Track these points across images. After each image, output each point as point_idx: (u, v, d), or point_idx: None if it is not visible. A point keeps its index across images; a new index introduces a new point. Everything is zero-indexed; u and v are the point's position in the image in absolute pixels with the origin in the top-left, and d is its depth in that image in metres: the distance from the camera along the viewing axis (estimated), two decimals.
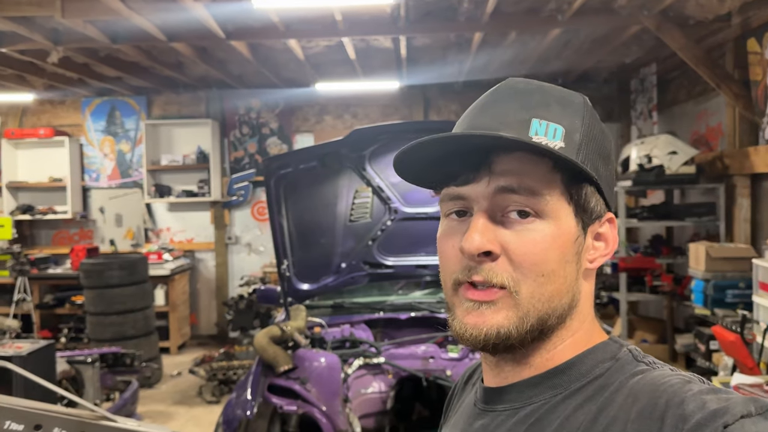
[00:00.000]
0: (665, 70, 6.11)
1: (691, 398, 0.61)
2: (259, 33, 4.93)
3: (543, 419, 0.70)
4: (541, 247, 0.70)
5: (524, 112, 0.73)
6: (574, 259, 0.73)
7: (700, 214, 5.21)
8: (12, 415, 1.33)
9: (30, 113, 7.66)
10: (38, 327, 6.75)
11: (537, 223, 0.71)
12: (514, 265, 0.70)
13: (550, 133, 0.71)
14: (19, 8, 4.10)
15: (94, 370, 4.57)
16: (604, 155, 0.76)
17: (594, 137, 0.74)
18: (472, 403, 0.82)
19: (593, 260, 0.76)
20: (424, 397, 3.36)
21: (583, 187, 0.73)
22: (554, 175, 0.71)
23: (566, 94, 0.76)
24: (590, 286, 0.77)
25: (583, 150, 0.72)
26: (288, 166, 3.10)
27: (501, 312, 0.71)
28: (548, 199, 0.71)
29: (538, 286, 0.71)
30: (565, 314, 0.73)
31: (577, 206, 0.73)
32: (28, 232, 7.68)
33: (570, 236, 0.72)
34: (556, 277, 0.71)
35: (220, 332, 7.49)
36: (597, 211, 0.75)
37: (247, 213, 7.58)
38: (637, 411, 0.63)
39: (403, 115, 7.37)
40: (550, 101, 0.74)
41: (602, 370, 0.71)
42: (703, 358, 4.50)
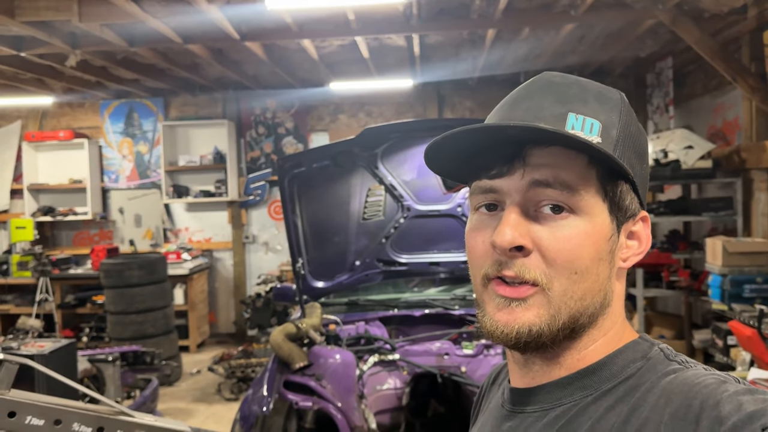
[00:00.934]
0: (681, 64, 6.06)
1: (727, 399, 0.59)
2: (273, 34, 4.97)
3: (573, 421, 0.69)
4: (575, 243, 0.69)
5: (560, 106, 0.71)
6: (608, 257, 0.72)
7: (717, 208, 5.17)
8: (33, 411, 1.37)
9: (50, 116, 7.78)
10: (60, 326, 6.88)
11: (571, 219, 0.69)
12: (547, 262, 0.69)
13: (587, 127, 0.70)
14: (38, 13, 4.18)
15: (114, 368, 4.64)
16: (640, 153, 0.74)
17: (631, 134, 0.73)
18: (500, 405, 0.81)
19: (626, 259, 0.75)
20: (439, 393, 3.38)
21: (619, 184, 0.71)
22: (590, 171, 0.70)
23: (604, 90, 0.75)
24: (622, 286, 0.76)
25: (620, 146, 0.71)
26: (301, 166, 3.13)
27: (532, 309, 0.69)
28: (583, 195, 0.69)
29: (571, 283, 0.69)
30: (597, 313, 0.72)
31: (612, 203, 0.71)
32: (49, 233, 7.81)
33: (604, 234, 0.71)
34: (589, 274, 0.70)
35: (239, 330, 7.56)
36: (632, 209, 0.74)
37: (264, 212, 7.64)
38: (671, 412, 0.61)
39: (418, 113, 7.39)
40: (587, 96, 0.73)
41: (633, 370, 0.69)
42: (720, 353, 4.46)
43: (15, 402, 1.36)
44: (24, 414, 1.34)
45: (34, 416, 1.34)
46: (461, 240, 3.61)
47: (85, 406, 1.47)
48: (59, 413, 1.36)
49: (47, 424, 1.37)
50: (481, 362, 3.11)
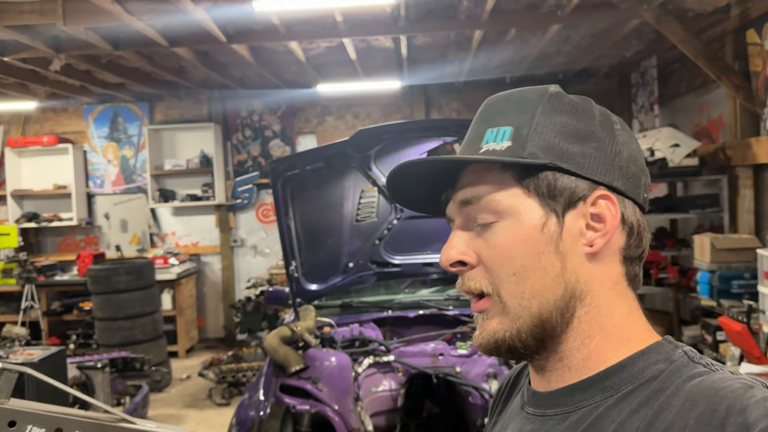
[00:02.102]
0: (665, 63, 6.12)
1: (754, 405, 0.57)
2: (260, 35, 4.95)
3: (595, 424, 0.68)
4: (504, 247, 0.72)
5: (481, 126, 0.77)
6: (549, 248, 0.71)
7: (703, 206, 5.22)
8: (33, 420, 1.35)
9: (33, 121, 7.69)
10: (47, 334, 6.79)
11: (497, 225, 0.72)
12: (487, 270, 0.73)
13: (499, 137, 0.74)
14: (21, 17, 4.12)
15: (104, 375, 4.59)
16: (574, 134, 0.73)
17: (553, 123, 0.73)
18: (519, 407, 0.80)
19: (591, 243, 0.72)
20: (434, 394, 3.38)
21: (542, 176, 0.71)
22: (504, 175, 0.73)
23: (527, 93, 0.77)
24: (606, 272, 0.73)
25: (533, 140, 0.72)
26: (294, 168, 3.12)
27: (494, 319, 0.73)
28: (500, 200, 0.72)
29: (514, 285, 0.71)
30: (566, 306, 0.71)
31: (540, 195, 0.72)
32: (33, 239, 7.72)
33: (533, 228, 0.71)
34: (531, 271, 0.71)
35: (228, 335, 7.51)
36: (573, 193, 0.72)
37: (252, 215, 7.60)
38: (696, 417, 0.60)
39: (405, 115, 7.39)
40: (506, 107, 0.76)
41: (656, 372, 0.68)
42: (710, 348, 4.50)
43: (16, 411, 1.34)
44: (24, 423, 1.32)
45: (35, 425, 1.32)
46: None
47: (86, 414, 1.45)
48: (60, 422, 1.34)
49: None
50: (475, 362, 3.12)
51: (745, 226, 4.82)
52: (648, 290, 5.57)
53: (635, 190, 0.74)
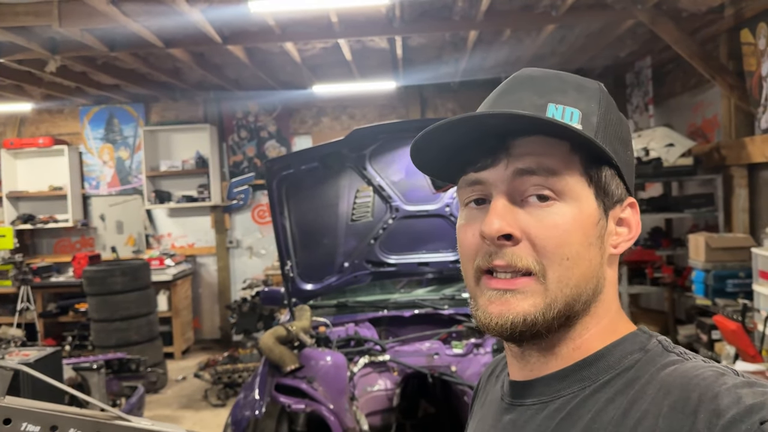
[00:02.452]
0: (660, 63, 6.14)
1: (725, 392, 0.59)
2: (256, 36, 4.95)
3: (573, 413, 0.69)
4: (564, 229, 0.69)
5: (539, 98, 0.72)
6: (598, 242, 0.72)
7: (698, 205, 5.24)
8: (29, 417, 1.35)
9: (28, 123, 7.68)
10: (42, 335, 6.78)
11: (557, 205, 0.70)
12: (537, 250, 0.69)
13: (567, 116, 0.71)
14: (17, 18, 4.12)
15: (99, 376, 4.58)
16: (623, 140, 0.75)
17: (611, 121, 0.74)
18: (499, 398, 0.81)
19: (617, 245, 0.75)
20: (430, 393, 3.39)
21: (603, 169, 0.72)
22: (573, 157, 0.71)
23: (582, 81, 0.76)
24: (614, 274, 0.76)
25: (601, 132, 0.72)
26: (290, 168, 3.12)
27: (529, 299, 0.69)
28: (568, 180, 0.70)
29: (564, 270, 0.69)
30: (590, 300, 0.72)
31: (598, 188, 0.72)
32: (29, 241, 7.71)
33: (592, 218, 0.71)
34: (581, 260, 0.70)
35: (224, 336, 7.51)
36: (618, 194, 0.74)
37: (248, 216, 7.60)
38: (669, 405, 0.61)
39: (400, 115, 7.40)
40: (566, 87, 0.74)
41: (631, 362, 0.69)
42: (705, 347, 4.52)
43: (10, 408, 1.34)
44: (20, 420, 1.32)
45: (30, 423, 1.32)
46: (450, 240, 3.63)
47: (81, 411, 1.45)
48: (55, 419, 1.34)
49: (43, 430, 1.35)
50: (471, 361, 3.12)
51: (740, 225, 4.84)
52: (643, 290, 5.58)
53: (633, 190, 0.78)
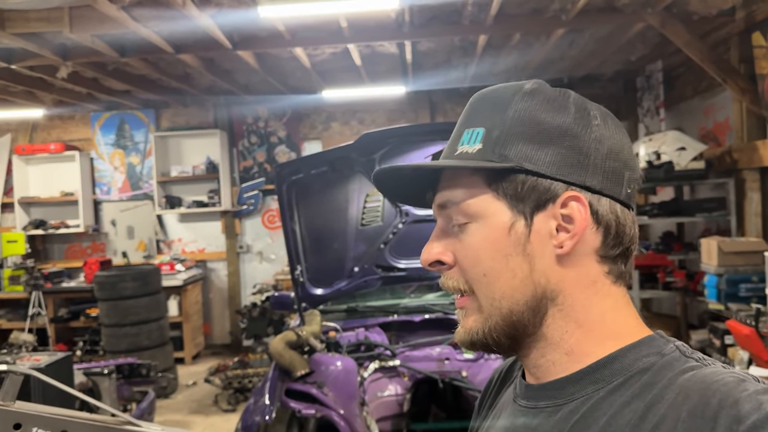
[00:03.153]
0: (671, 67, 6.11)
1: (746, 399, 0.58)
2: (266, 42, 4.97)
3: (588, 416, 0.68)
4: (474, 249, 0.74)
5: (461, 127, 0.78)
6: (517, 251, 0.72)
7: (710, 209, 5.20)
8: (39, 422, 1.35)
9: (40, 129, 7.73)
10: (54, 341, 6.81)
11: (470, 227, 0.74)
12: (461, 270, 0.75)
13: (473, 139, 0.75)
14: (28, 25, 4.15)
15: (110, 381, 4.60)
16: (549, 133, 0.72)
17: (524, 123, 0.72)
18: (512, 399, 0.81)
19: (561, 244, 0.72)
20: (440, 399, 3.37)
21: (511, 179, 0.71)
22: (474, 178, 0.74)
23: (502, 91, 0.76)
24: (582, 271, 0.73)
25: (502, 142, 0.72)
26: (299, 172, 3.12)
27: (471, 316, 0.75)
28: (472, 203, 0.73)
29: (485, 286, 0.73)
30: (537, 305, 0.72)
31: (511, 198, 0.72)
32: (41, 246, 7.75)
33: (501, 230, 0.72)
34: (499, 273, 0.72)
35: (234, 341, 7.52)
36: (544, 195, 0.71)
37: (258, 221, 7.61)
38: (688, 410, 0.60)
39: (410, 120, 7.40)
40: (484, 107, 0.76)
41: (647, 365, 0.68)
42: (718, 353, 4.48)
43: (21, 413, 1.34)
44: (30, 425, 1.32)
45: (40, 428, 1.31)
46: None
47: (91, 416, 1.45)
48: (65, 424, 1.33)
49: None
50: (481, 366, 3.11)
51: (753, 229, 4.80)
52: (655, 294, 5.54)
53: (614, 187, 0.73)
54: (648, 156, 5.33)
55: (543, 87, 0.75)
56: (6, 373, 1.44)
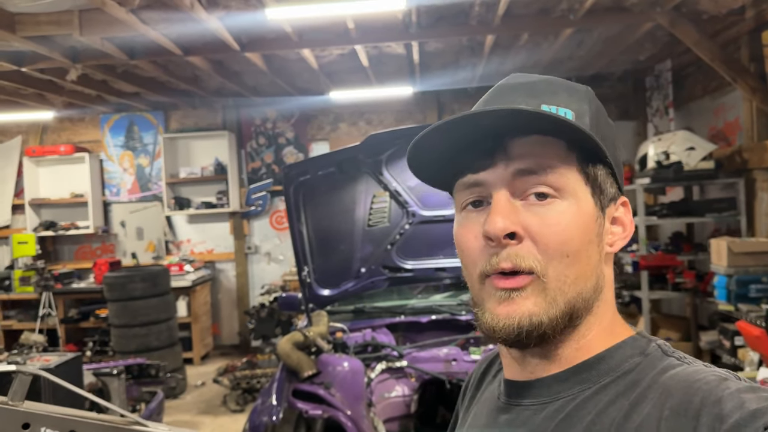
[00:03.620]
0: (680, 66, 6.07)
1: (728, 397, 0.58)
2: (273, 44, 4.98)
3: (573, 415, 0.68)
4: (564, 226, 0.69)
5: (532, 99, 0.72)
6: (597, 239, 0.72)
7: (720, 209, 5.17)
8: (47, 422, 1.36)
9: (50, 131, 7.79)
10: (64, 341, 6.86)
11: (557, 203, 0.70)
12: (539, 247, 0.69)
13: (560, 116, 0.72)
14: (38, 28, 4.18)
15: (119, 381, 4.62)
16: (612, 139, 0.76)
17: (601, 123, 0.75)
18: (495, 396, 0.80)
19: (612, 243, 0.75)
20: (448, 400, 3.36)
21: (598, 167, 0.73)
22: (570, 155, 0.71)
23: (571, 84, 0.77)
24: (611, 272, 0.76)
25: (593, 131, 0.71)
26: (306, 173, 3.13)
27: (530, 298, 0.69)
28: (568, 177, 0.70)
29: (564, 267, 0.69)
30: (591, 299, 0.72)
31: (594, 186, 0.72)
32: (51, 247, 7.80)
33: (590, 215, 0.72)
34: (580, 257, 0.70)
35: (243, 341, 7.54)
36: (612, 193, 0.75)
37: (266, 222, 7.63)
38: (671, 408, 0.61)
39: (417, 120, 7.40)
40: (556, 89, 0.75)
41: (632, 365, 0.69)
42: (728, 354, 4.45)
43: (29, 413, 1.35)
44: (38, 425, 1.33)
45: (49, 427, 1.32)
46: None
47: (99, 416, 1.46)
48: (74, 424, 1.34)
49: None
50: None
51: (763, 229, 4.77)
52: (664, 295, 5.51)
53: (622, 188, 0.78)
54: (657, 156, 5.30)
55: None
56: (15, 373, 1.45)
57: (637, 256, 5.42)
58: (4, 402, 1.41)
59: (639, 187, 5.39)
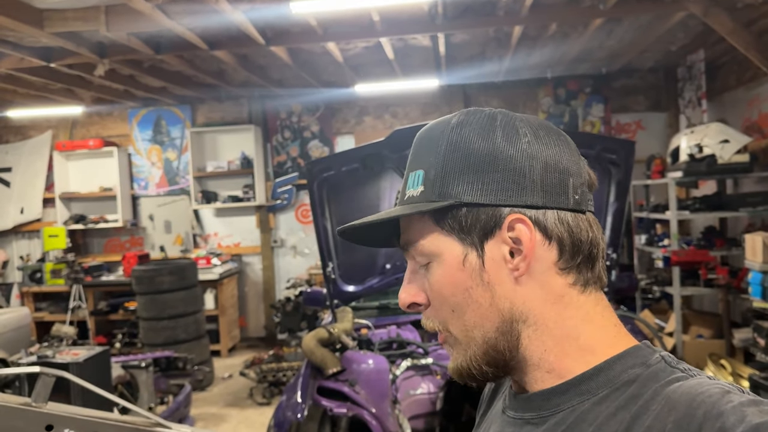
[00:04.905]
0: (713, 57, 5.92)
1: (731, 411, 0.58)
2: (298, 37, 4.97)
3: (574, 427, 0.69)
4: (437, 287, 0.75)
5: (407, 171, 0.80)
6: (476, 282, 0.73)
7: (754, 203, 5.03)
8: (70, 424, 1.36)
9: (79, 125, 7.89)
10: (93, 333, 6.96)
11: (431, 266, 0.76)
12: (434, 309, 0.77)
13: (416, 182, 0.77)
14: (66, 24, 4.22)
15: (148, 374, 4.67)
16: (481, 163, 0.72)
17: (456, 158, 0.73)
18: (501, 410, 0.82)
19: (516, 267, 0.72)
20: (473, 397, 3.33)
21: (455, 213, 0.73)
22: (423, 220, 0.76)
23: (432, 131, 0.78)
24: (545, 288, 0.73)
25: (440, 181, 0.74)
26: (330, 169, 3.11)
27: (452, 350, 0.77)
28: (423, 244, 0.75)
29: (456, 319, 0.74)
30: (509, 330, 0.73)
31: (459, 231, 0.74)
32: (81, 240, 7.92)
33: (455, 265, 0.74)
34: (465, 307, 0.74)
35: (269, 334, 7.58)
36: (488, 223, 0.72)
37: (292, 216, 7.65)
38: (674, 421, 0.60)
39: (443, 113, 7.28)
40: (421, 148, 0.78)
41: (632, 376, 0.68)
42: (762, 352, 4.34)
43: (52, 415, 1.35)
44: (61, 427, 1.33)
45: (71, 429, 1.32)
46: None
47: (122, 418, 1.45)
48: (96, 426, 1.34)
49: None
50: None
51: None
52: (696, 291, 5.39)
53: (558, 198, 0.73)
54: (690, 149, 5.18)
55: (470, 117, 0.76)
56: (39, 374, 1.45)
57: (668, 252, 5.30)
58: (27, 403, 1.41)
59: (671, 180, 5.27)
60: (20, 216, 7.86)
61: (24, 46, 4.85)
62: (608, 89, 7.02)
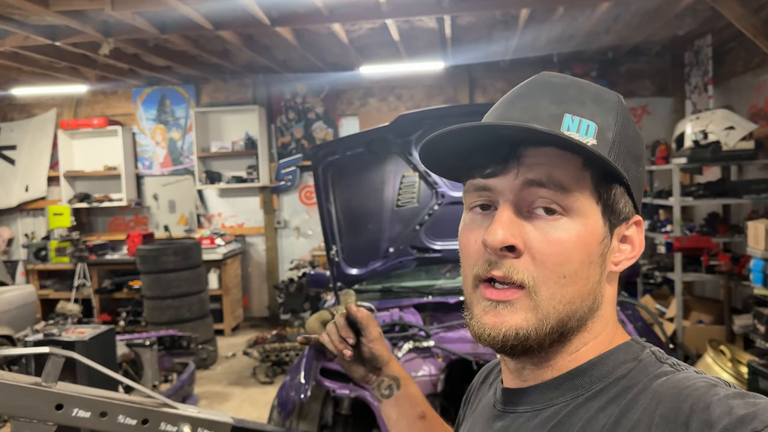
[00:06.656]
0: (721, 42, 5.88)
1: (717, 403, 0.59)
2: (304, 18, 4.94)
3: (564, 422, 0.69)
4: (566, 247, 0.68)
5: (557, 107, 0.70)
6: (599, 260, 0.71)
7: (758, 190, 5.03)
8: (79, 403, 1.39)
9: (84, 104, 7.89)
10: (98, 311, 7.03)
11: (563, 221, 0.69)
12: (536, 264, 0.68)
13: (582, 129, 0.69)
14: (71, 2, 4.21)
15: (152, 352, 4.73)
16: (636, 156, 0.73)
17: (627, 137, 0.72)
18: (491, 404, 0.81)
19: (618, 263, 0.74)
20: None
21: (613, 187, 0.71)
22: (584, 173, 0.69)
23: (601, 92, 0.74)
24: (613, 290, 0.75)
25: (615, 149, 0.70)
26: (335, 153, 3.11)
27: (519, 313, 0.69)
28: (577, 196, 0.69)
29: (559, 287, 0.69)
30: (586, 317, 0.72)
31: (606, 206, 0.71)
32: (85, 219, 7.96)
33: (596, 236, 0.70)
34: (578, 278, 0.69)
35: (272, 314, 7.64)
36: (625, 212, 0.73)
37: (295, 197, 7.66)
38: (661, 414, 0.61)
39: (448, 96, 7.31)
40: (584, 97, 0.72)
41: (624, 372, 0.69)
42: (762, 339, 4.36)
43: (62, 395, 1.38)
44: (71, 406, 1.36)
45: (81, 408, 1.35)
46: None
47: (130, 398, 1.48)
48: (105, 405, 1.37)
49: (93, 416, 1.38)
50: None
51: None
52: (698, 277, 5.41)
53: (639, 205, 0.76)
54: (695, 135, 5.16)
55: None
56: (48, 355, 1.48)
57: (671, 237, 5.32)
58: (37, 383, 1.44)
59: (675, 166, 5.27)
60: (25, 194, 7.89)
61: (29, 24, 4.84)
62: (614, 73, 6.98)
